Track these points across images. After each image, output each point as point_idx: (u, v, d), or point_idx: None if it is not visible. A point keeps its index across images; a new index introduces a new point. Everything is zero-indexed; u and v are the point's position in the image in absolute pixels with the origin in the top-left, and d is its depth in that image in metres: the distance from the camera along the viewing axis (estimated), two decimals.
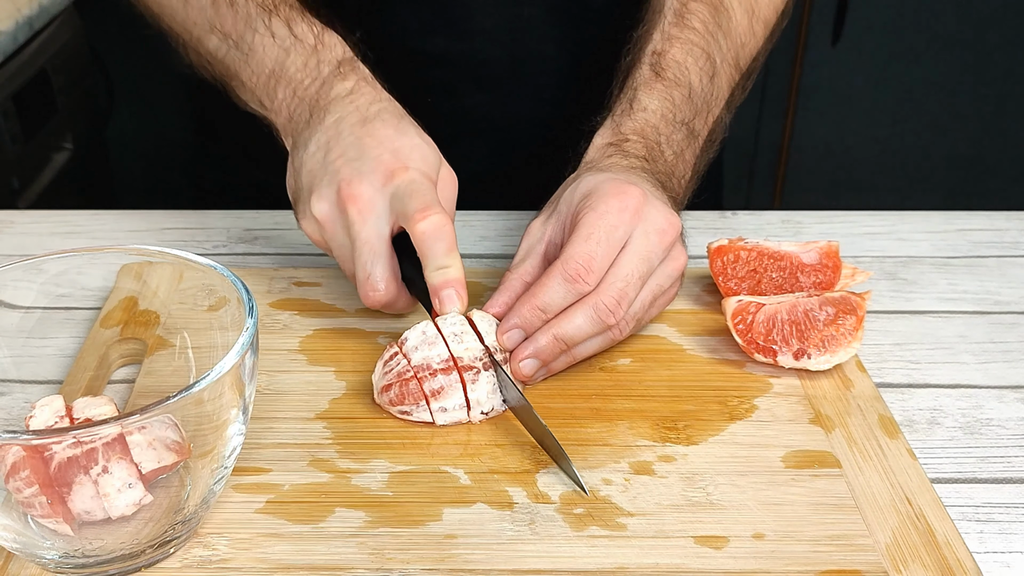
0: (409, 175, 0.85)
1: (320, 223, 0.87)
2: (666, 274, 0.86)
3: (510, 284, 0.87)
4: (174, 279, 0.83)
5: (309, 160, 0.89)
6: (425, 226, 0.82)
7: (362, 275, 0.86)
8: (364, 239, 0.85)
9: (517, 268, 0.88)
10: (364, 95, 0.91)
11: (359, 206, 0.84)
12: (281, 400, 0.84)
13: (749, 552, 0.70)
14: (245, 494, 0.75)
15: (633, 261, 0.83)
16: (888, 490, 0.75)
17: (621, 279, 0.83)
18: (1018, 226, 1.14)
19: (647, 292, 0.85)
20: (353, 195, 0.84)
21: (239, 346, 0.66)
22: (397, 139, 0.87)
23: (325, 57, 0.93)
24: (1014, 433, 0.84)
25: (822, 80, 2.77)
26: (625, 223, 0.83)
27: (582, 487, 0.75)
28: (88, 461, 0.65)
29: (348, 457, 0.78)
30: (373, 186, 0.85)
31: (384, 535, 0.71)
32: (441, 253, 0.83)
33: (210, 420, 0.66)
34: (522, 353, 0.83)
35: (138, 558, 0.67)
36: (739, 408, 0.84)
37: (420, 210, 0.82)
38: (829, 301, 0.87)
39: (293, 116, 0.93)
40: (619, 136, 0.93)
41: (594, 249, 0.82)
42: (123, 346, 0.88)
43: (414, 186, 0.84)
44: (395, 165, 0.85)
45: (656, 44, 0.98)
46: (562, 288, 0.82)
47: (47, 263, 0.77)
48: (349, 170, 0.85)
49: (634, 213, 0.83)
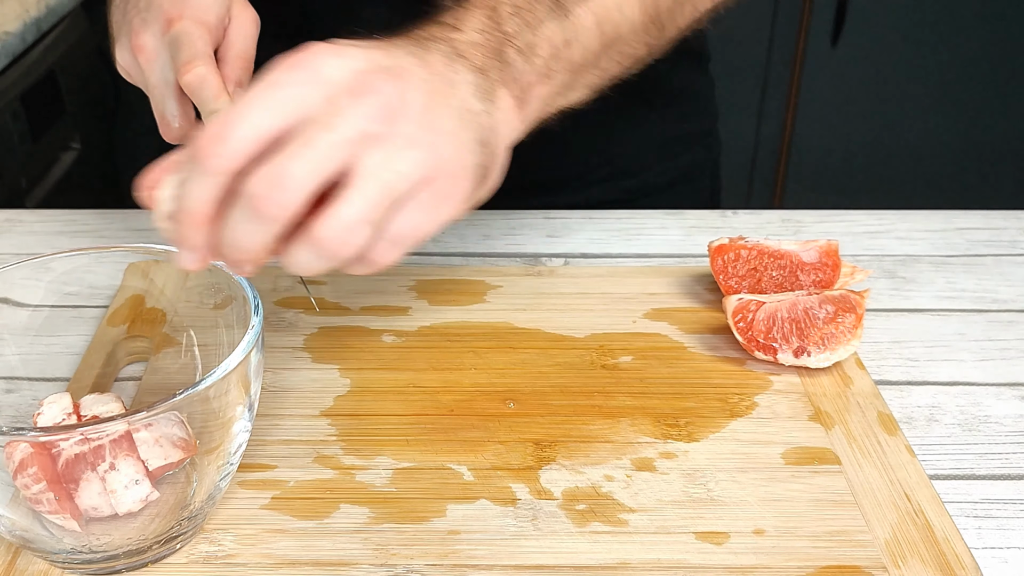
0: (181, 25, 0.86)
1: (125, 69, 0.91)
2: (404, 159, 0.62)
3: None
4: (181, 278, 0.83)
5: (115, 12, 0.93)
6: (189, 79, 0.83)
7: (158, 115, 0.89)
8: (154, 84, 0.87)
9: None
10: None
11: (145, 55, 0.87)
12: (286, 397, 0.84)
13: (749, 548, 0.70)
14: (251, 490, 0.75)
15: (304, 130, 0.61)
16: (887, 486, 0.75)
17: (282, 153, 0.60)
18: (1016, 225, 1.14)
19: (375, 188, 0.61)
20: (139, 45, 0.87)
21: (245, 344, 0.66)
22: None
23: None
24: (1012, 430, 0.84)
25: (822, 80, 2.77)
26: (296, 82, 0.61)
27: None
28: (95, 458, 0.65)
29: (352, 454, 0.78)
30: (155, 35, 0.87)
31: (388, 531, 0.71)
32: (209, 99, 0.83)
33: (216, 417, 0.66)
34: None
35: (144, 554, 0.67)
36: (740, 405, 0.84)
37: (184, 63, 0.83)
38: (829, 299, 0.87)
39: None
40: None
41: (232, 114, 0.61)
42: (130, 344, 0.88)
43: (183, 36, 0.85)
44: (172, 13, 0.87)
45: None
46: (190, 171, 0.62)
47: (55, 262, 0.77)
48: (138, 20, 0.88)
49: (311, 71, 0.61)
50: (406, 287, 0.98)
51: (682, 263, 1.04)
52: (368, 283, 0.96)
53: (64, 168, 1.99)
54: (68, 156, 2.02)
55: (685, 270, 1.01)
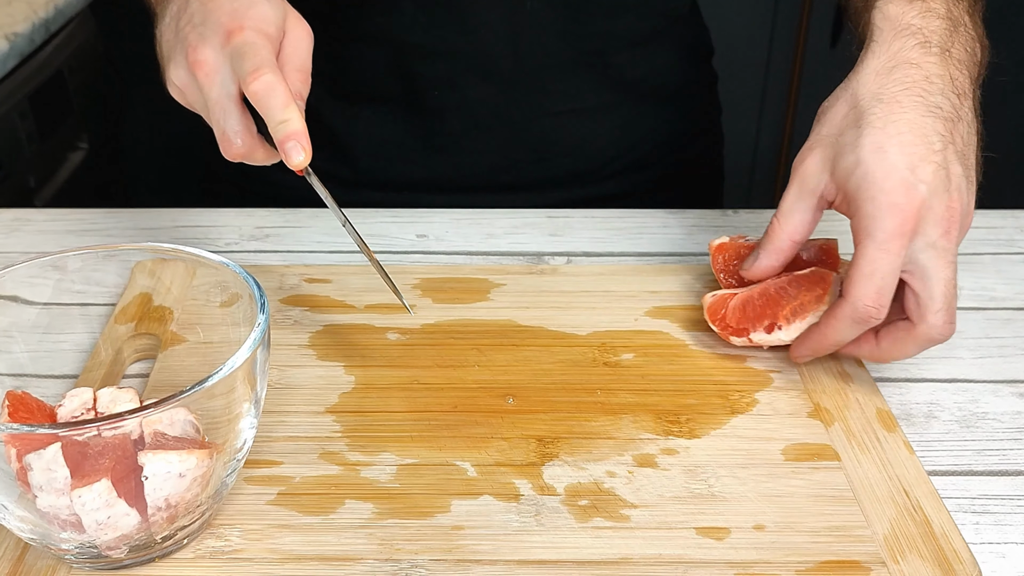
0: (244, 36, 0.85)
1: (181, 89, 0.88)
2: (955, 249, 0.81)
3: (778, 244, 0.86)
4: (187, 276, 0.83)
5: (166, 31, 0.90)
6: (256, 87, 0.82)
7: (218, 132, 0.86)
8: (214, 100, 0.85)
9: (786, 220, 0.86)
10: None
11: (205, 70, 0.85)
12: (292, 394, 0.84)
13: (750, 543, 0.70)
14: (257, 486, 0.75)
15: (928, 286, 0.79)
16: (886, 482, 0.75)
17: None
18: (1013, 224, 1.14)
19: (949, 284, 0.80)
20: (198, 60, 0.85)
21: (251, 341, 0.66)
22: (236, 0, 0.88)
23: None
24: (1009, 427, 0.84)
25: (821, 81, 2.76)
26: (904, 246, 0.78)
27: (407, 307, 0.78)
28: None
29: (357, 450, 0.78)
30: (214, 49, 0.85)
31: (393, 526, 0.71)
32: (277, 108, 0.82)
33: (223, 414, 0.67)
34: (802, 355, 0.86)
35: (152, 549, 0.67)
36: (740, 402, 0.84)
37: (251, 72, 0.82)
38: (798, 278, 0.87)
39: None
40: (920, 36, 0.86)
41: (879, 284, 0.78)
42: (137, 341, 0.88)
43: (247, 47, 0.84)
44: (232, 26, 0.85)
45: None
46: (853, 328, 0.81)
47: (63, 260, 0.77)
48: (194, 36, 0.86)
49: (913, 228, 0.78)
50: (410, 285, 0.98)
51: (683, 261, 1.04)
52: (373, 281, 0.96)
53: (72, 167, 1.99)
54: (76, 156, 2.02)
55: (686, 268, 1.01)
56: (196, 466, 0.65)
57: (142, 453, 0.64)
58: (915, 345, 0.81)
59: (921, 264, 0.78)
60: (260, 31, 0.85)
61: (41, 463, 0.62)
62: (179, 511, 0.66)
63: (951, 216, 0.79)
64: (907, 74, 0.83)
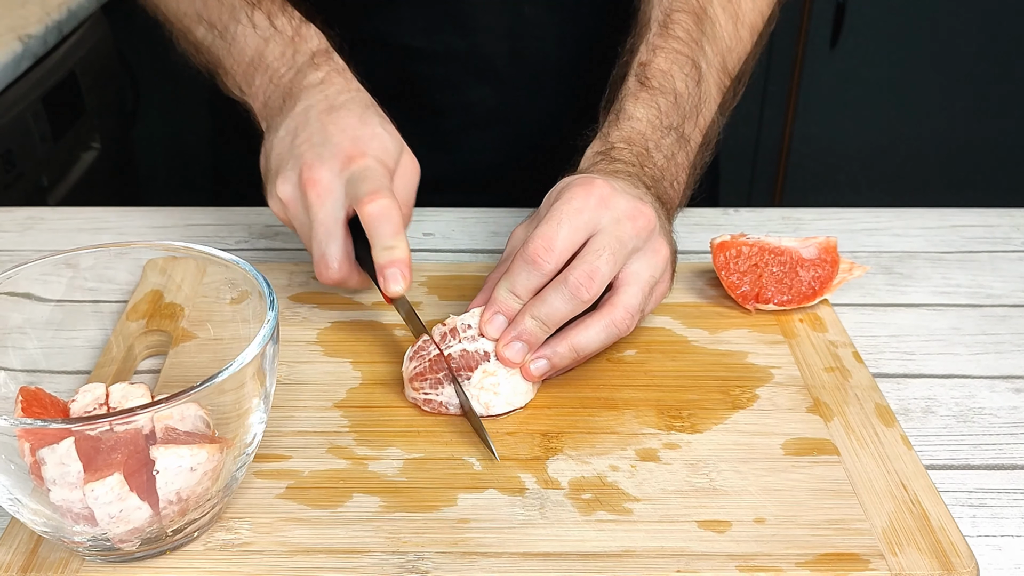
0: (365, 162, 0.86)
1: (284, 203, 0.89)
2: (653, 265, 0.85)
3: (489, 283, 0.87)
4: (198, 273, 0.83)
5: (278, 144, 0.90)
6: (373, 208, 0.83)
7: (317, 254, 0.87)
8: (320, 220, 0.86)
9: (498, 268, 0.88)
10: (334, 85, 0.92)
11: (318, 190, 0.86)
12: (300, 390, 0.84)
13: (751, 536, 0.70)
14: (266, 480, 0.75)
15: (603, 239, 0.81)
16: (884, 476, 0.75)
17: (592, 254, 0.81)
18: (1009, 222, 1.14)
19: (639, 284, 0.84)
20: (313, 179, 0.86)
21: (260, 338, 0.66)
22: (359, 128, 0.89)
23: (301, 48, 0.95)
24: (1005, 421, 0.83)
25: (821, 83, 2.77)
26: (590, 208, 0.81)
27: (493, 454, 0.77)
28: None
29: (365, 445, 0.78)
30: (332, 171, 0.86)
31: (400, 519, 0.71)
32: (388, 234, 0.83)
33: (233, 409, 0.67)
34: (506, 338, 0.82)
35: (163, 541, 0.67)
36: (741, 397, 0.84)
37: (370, 193, 0.83)
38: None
39: (268, 102, 0.95)
40: (607, 145, 0.93)
41: (554, 229, 0.80)
42: (149, 338, 0.88)
43: (367, 172, 0.85)
44: (353, 152, 0.87)
45: (642, 56, 0.98)
46: (525, 270, 0.81)
47: (76, 258, 0.77)
48: (312, 155, 0.87)
49: (600, 200, 0.82)
50: (417, 283, 0.98)
51: (685, 259, 1.04)
52: None
53: (84, 167, 1.99)
54: (88, 155, 2.02)
55: (688, 266, 1.01)
56: (207, 460, 0.65)
57: (154, 448, 0.64)
58: (555, 294, 0.82)
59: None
60: (381, 161, 0.87)
61: (54, 457, 0.62)
62: (190, 504, 0.66)
63: (636, 214, 0.84)
64: (601, 166, 0.91)
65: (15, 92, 1.72)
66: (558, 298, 0.80)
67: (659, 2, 1.01)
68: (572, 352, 0.83)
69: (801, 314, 0.94)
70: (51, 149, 1.85)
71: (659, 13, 1.00)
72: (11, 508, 0.65)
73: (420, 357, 0.81)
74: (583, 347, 0.83)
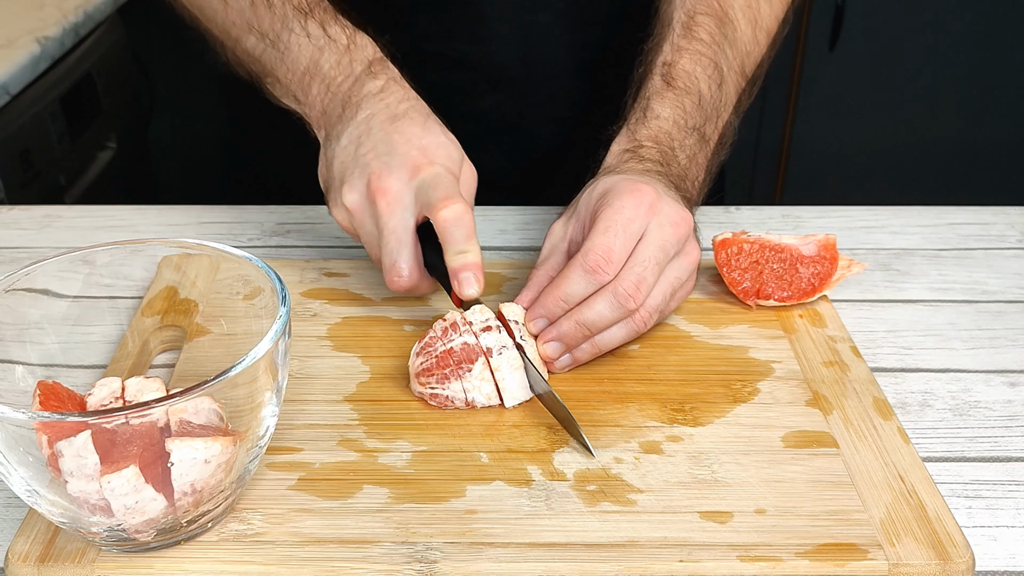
0: (434, 169, 0.86)
1: (350, 212, 0.88)
2: (682, 267, 0.86)
3: (536, 280, 0.87)
4: (212, 270, 0.83)
5: (341, 152, 0.90)
6: (447, 213, 0.83)
7: (388, 262, 0.86)
8: (391, 229, 0.86)
9: (542, 265, 0.88)
10: (394, 93, 0.91)
11: (388, 199, 0.85)
12: (312, 384, 0.84)
13: (751, 526, 0.70)
14: (278, 472, 0.75)
15: (649, 249, 0.83)
16: (882, 468, 0.75)
17: (639, 265, 0.82)
18: (1004, 220, 1.14)
19: (666, 284, 0.85)
20: (382, 188, 0.85)
21: (273, 333, 0.66)
22: (424, 136, 0.88)
23: (357, 56, 0.93)
24: (1000, 415, 0.83)
25: (820, 83, 2.76)
26: (640, 217, 0.83)
27: (591, 452, 0.77)
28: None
29: (374, 437, 0.78)
30: (401, 180, 0.86)
31: (409, 510, 0.71)
32: (461, 239, 0.84)
33: (246, 402, 0.67)
34: (546, 336, 0.84)
35: (178, 532, 0.67)
36: (742, 391, 0.84)
37: (443, 199, 0.83)
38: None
39: (326, 110, 0.94)
40: (635, 143, 0.93)
41: (612, 241, 0.82)
42: (163, 333, 0.88)
43: (438, 179, 0.85)
44: (421, 160, 0.86)
45: (666, 55, 0.98)
46: (583, 279, 0.82)
47: (92, 255, 0.77)
48: (379, 164, 0.86)
49: (648, 208, 0.83)
50: None
51: None
52: None
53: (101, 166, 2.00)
54: (105, 155, 2.03)
55: None
56: (220, 453, 0.65)
57: (169, 440, 0.64)
58: (604, 302, 0.83)
59: None
60: (448, 168, 0.87)
61: (72, 450, 0.62)
62: (204, 496, 0.66)
63: (680, 220, 0.86)
64: (631, 165, 0.93)
65: (33, 93, 1.72)
66: (607, 307, 0.82)
67: (681, 3, 1.01)
68: (594, 348, 0.85)
69: (801, 310, 0.94)
70: (68, 149, 1.85)
71: (682, 14, 1.00)
72: (29, 499, 0.65)
73: (427, 353, 0.81)
74: (605, 344, 0.85)
